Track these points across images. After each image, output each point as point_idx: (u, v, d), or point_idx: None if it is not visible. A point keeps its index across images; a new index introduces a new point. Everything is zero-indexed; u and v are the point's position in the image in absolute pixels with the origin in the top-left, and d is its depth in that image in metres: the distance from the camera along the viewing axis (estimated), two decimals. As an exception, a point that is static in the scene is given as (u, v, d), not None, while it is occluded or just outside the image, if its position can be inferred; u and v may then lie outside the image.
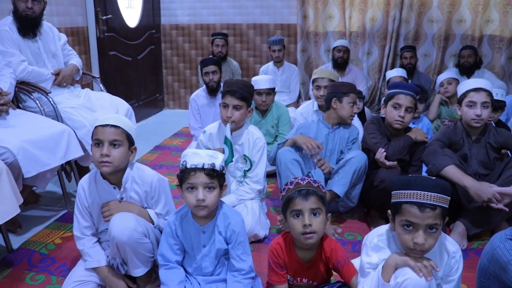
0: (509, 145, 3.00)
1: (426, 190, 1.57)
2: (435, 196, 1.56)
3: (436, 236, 1.60)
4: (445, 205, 1.59)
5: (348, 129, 3.13)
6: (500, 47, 5.62)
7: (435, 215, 1.56)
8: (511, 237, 1.61)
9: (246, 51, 6.23)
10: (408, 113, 2.90)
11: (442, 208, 1.58)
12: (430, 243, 1.59)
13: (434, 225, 1.57)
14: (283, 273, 1.96)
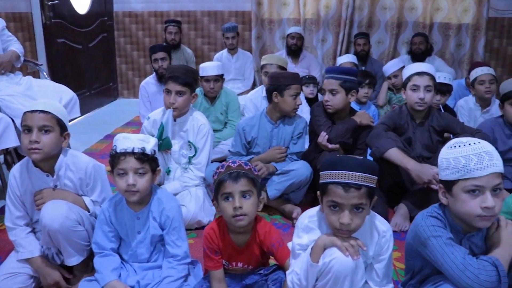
0: (452, 128, 3.05)
1: (351, 170, 1.57)
2: (360, 176, 1.56)
3: (362, 216, 1.60)
4: (371, 185, 1.59)
5: (293, 123, 3.02)
6: (449, 35, 5.74)
7: (360, 195, 1.56)
8: (431, 214, 1.63)
9: (201, 38, 6.16)
10: (332, 96, 2.91)
11: (368, 188, 1.58)
12: (357, 222, 1.59)
13: (360, 204, 1.57)
14: (217, 258, 1.94)
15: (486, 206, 1.47)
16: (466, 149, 1.51)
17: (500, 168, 1.49)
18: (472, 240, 1.62)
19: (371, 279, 1.76)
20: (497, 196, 1.50)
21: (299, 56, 5.45)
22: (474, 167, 1.47)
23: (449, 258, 1.51)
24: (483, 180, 1.47)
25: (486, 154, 1.48)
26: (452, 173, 1.53)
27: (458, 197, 1.52)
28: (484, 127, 3.01)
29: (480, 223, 1.52)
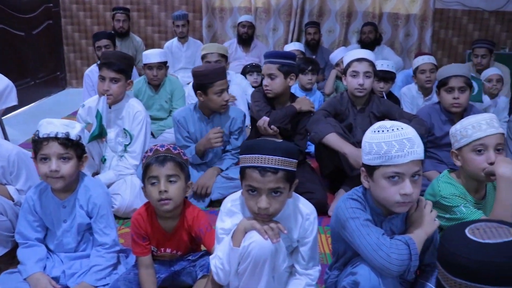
0: (391, 114, 3.09)
1: (267, 153, 1.54)
2: (277, 160, 1.54)
3: (281, 200, 1.58)
4: (289, 168, 1.57)
5: (229, 117, 2.93)
6: (398, 25, 5.84)
7: (277, 178, 1.54)
8: (352, 196, 1.63)
9: (151, 27, 6.04)
10: (271, 80, 2.91)
11: (285, 171, 1.56)
12: (275, 207, 1.57)
13: (277, 188, 1.55)
14: (145, 244, 1.89)
15: (405, 193, 1.47)
16: (388, 135, 1.49)
17: (420, 155, 1.49)
18: (392, 222, 1.63)
19: (297, 262, 1.75)
20: (416, 182, 1.50)
21: (250, 45, 5.43)
22: (395, 154, 1.46)
23: (365, 239, 1.52)
24: (403, 167, 1.46)
25: (407, 141, 1.47)
26: (374, 158, 1.51)
27: (378, 182, 1.52)
28: (421, 113, 3.06)
29: (398, 208, 1.52)
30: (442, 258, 1.03)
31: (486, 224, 1.03)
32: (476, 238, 0.98)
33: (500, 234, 0.99)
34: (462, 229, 1.02)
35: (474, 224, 1.03)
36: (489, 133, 1.77)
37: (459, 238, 1.00)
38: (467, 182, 1.88)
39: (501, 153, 1.78)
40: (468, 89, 2.87)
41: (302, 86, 3.97)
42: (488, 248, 0.96)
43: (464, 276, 0.96)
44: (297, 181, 1.66)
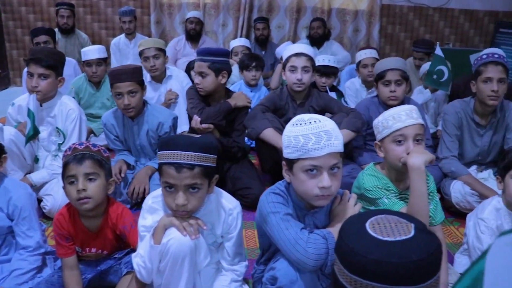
0: (330, 108, 3.12)
1: (183, 149, 1.51)
2: (193, 155, 1.51)
3: (199, 196, 1.56)
4: (206, 164, 1.55)
5: (157, 120, 2.82)
6: (346, 20, 5.91)
7: (193, 174, 1.52)
8: (274, 191, 1.63)
9: (98, 23, 5.90)
10: (202, 78, 2.88)
11: (202, 167, 1.54)
12: (194, 203, 1.55)
13: (195, 184, 1.53)
14: (69, 245, 1.84)
15: (323, 186, 1.46)
16: (306, 128, 1.47)
17: (338, 148, 1.48)
18: (316, 216, 1.63)
19: (223, 258, 1.75)
20: (335, 175, 1.49)
21: (198, 41, 5.37)
22: (312, 147, 1.44)
23: (283, 233, 1.50)
24: (320, 160, 1.45)
25: (324, 133, 1.45)
26: (292, 152, 1.49)
27: (297, 176, 1.51)
28: (360, 107, 3.10)
29: (317, 202, 1.51)
30: (340, 251, 1.01)
31: (386, 217, 1.01)
32: (376, 234, 0.96)
33: (399, 231, 0.97)
34: (362, 223, 1.00)
35: (375, 217, 1.01)
36: (408, 124, 1.80)
37: (359, 233, 0.98)
38: (390, 173, 1.90)
39: (420, 143, 1.81)
40: (405, 82, 2.92)
41: (247, 82, 3.96)
42: (386, 246, 0.94)
43: (360, 273, 0.94)
44: (217, 176, 1.64)
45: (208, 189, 1.61)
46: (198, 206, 1.58)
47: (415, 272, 0.73)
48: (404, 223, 1.00)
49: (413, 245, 0.93)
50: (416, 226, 0.97)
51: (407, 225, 0.99)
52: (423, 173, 1.72)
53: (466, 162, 3.01)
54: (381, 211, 1.06)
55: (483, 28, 6.15)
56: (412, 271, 0.89)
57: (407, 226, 0.98)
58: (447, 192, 2.85)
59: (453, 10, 6.05)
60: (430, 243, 0.93)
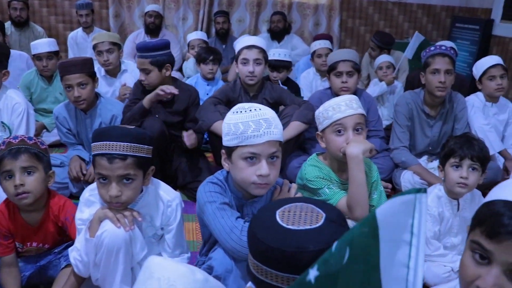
0: (283, 100, 3.13)
1: (115, 140, 1.49)
2: (125, 146, 1.50)
3: (133, 187, 1.55)
4: (139, 154, 1.53)
5: (110, 112, 2.80)
6: (307, 14, 5.94)
7: (126, 165, 1.50)
8: (212, 180, 1.63)
9: (54, 16, 5.75)
10: (146, 75, 2.86)
11: (135, 158, 1.52)
12: (127, 194, 1.54)
13: (128, 175, 1.52)
14: (7, 243, 1.79)
15: (261, 174, 1.46)
16: (246, 115, 1.47)
17: (277, 136, 1.48)
18: (255, 206, 1.63)
19: (164, 250, 1.74)
20: (273, 164, 1.50)
21: (158, 35, 5.29)
22: (251, 134, 1.44)
23: (219, 222, 1.51)
24: (259, 148, 1.45)
25: (264, 121, 1.46)
26: (231, 139, 1.49)
27: (236, 163, 1.50)
28: (313, 98, 3.12)
29: (255, 190, 1.52)
30: (248, 236, 1.01)
31: (301, 205, 0.99)
32: (281, 221, 0.94)
33: (306, 220, 0.95)
34: (275, 209, 0.99)
35: (290, 205, 1.00)
36: (348, 114, 1.82)
37: (267, 219, 0.97)
38: (332, 163, 1.92)
39: (360, 133, 1.84)
40: (356, 73, 2.95)
41: (204, 76, 3.93)
42: (286, 234, 0.92)
43: (261, 259, 0.93)
44: (153, 168, 1.63)
45: (144, 181, 1.60)
46: (133, 197, 1.57)
47: (310, 262, 0.72)
48: (316, 212, 0.97)
49: (314, 236, 0.90)
50: (327, 217, 0.95)
51: (317, 215, 0.96)
52: (361, 162, 1.75)
53: (417, 153, 3.08)
54: (300, 199, 1.05)
55: (440, 22, 6.28)
56: (306, 261, 0.85)
57: (317, 216, 0.96)
58: (398, 182, 2.90)
59: (411, 4, 6.15)
60: (334, 235, 0.89)
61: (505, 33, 5.36)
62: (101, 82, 3.68)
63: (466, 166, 1.91)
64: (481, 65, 3.16)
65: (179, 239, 1.73)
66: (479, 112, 3.11)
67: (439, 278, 1.91)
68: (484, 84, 3.14)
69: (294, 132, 2.82)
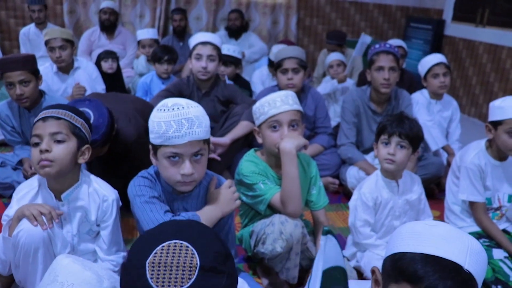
0: (234, 98, 3.15)
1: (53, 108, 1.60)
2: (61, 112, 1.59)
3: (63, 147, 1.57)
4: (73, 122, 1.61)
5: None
6: (265, 13, 5.97)
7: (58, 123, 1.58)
8: (143, 175, 1.62)
9: (5, 11, 5.57)
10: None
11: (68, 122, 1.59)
12: (58, 153, 1.55)
13: (59, 133, 1.57)
14: None
15: (184, 173, 1.46)
16: (168, 114, 1.45)
17: (199, 135, 1.46)
18: (187, 201, 1.64)
19: (99, 247, 1.72)
20: (198, 162, 1.50)
21: (114, 32, 5.23)
22: (172, 134, 1.43)
23: (147, 215, 1.51)
24: (181, 148, 1.45)
25: (186, 121, 1.43)
26: (155, 138, 1.48)
27: (161, 162, 1.51)
28: (261, 96, 3.10)
29: (181, 187, 1.53)
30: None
31: (174, 249, 0.90)
32: (152, 282, 0.87)
33: (177, 279, 0.87)
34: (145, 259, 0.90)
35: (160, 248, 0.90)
36: (283, 110, 1.83)
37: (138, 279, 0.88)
38: (269, 158, 1.94)
39: (296, 129, 1.86)
40: (302, 70, 2.98)
41: (159, 75, 3.90)
42: None
43: None
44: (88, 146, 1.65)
45: (78, 156, 1.61)
46: (63, 160, 1.55)
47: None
48: (189, 261, 0.88)
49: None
50: (201, 265, 0.89)
51: (190, 266, 0.88)
52: (294, 157, 1.77)
53: (365, 149, 3.13)
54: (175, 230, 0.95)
55: (396, 22, 6.42)
56: None
57: (190, 267, 0.88)
58: (344, 178, 2.96)
59: (368, 4, 6.26)
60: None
61: (456, 33, 5.54)
62: (53, 79, 3.63)
63: (394, 143, 1.95)
64: (425, 63, 3.25)
65: (115, 237, 1.71)
66: (424, 109, 3.20)
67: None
68: (428, 81, 3.23)
69: (242, 132, 2.85)
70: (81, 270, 0.97)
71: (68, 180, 1.63)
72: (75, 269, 0.97)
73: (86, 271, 0.98)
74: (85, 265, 1.01)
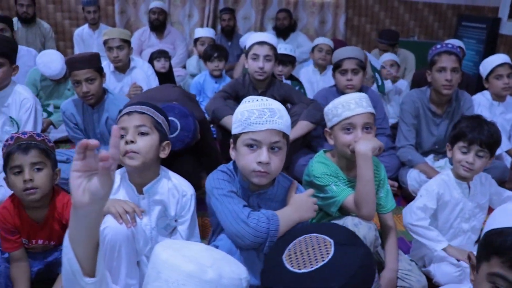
0: (290, 98, 3.13)
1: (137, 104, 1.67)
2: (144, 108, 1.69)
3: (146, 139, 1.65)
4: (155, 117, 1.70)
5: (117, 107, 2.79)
6: (313, 12, 5.93)
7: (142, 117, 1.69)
8: (222, 169, 1.64)
9: (61, 12, 5.76)
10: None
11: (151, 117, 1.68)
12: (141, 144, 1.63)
13: (143, 125, 1.65)
14: (15, 238, 1.80)
15: (260, 160, 1.48)
16: (252, 104, 1.52)
17: (280, 126, 1.50)
18: (261, 198, 1.64)
19: (176, 241, 1.74)
20: (276, 154, 1.51)
21: (163, 32, 5.31)
22: (253, 121, 1.48)
23: (226, 206, 1.52)
24: (260, 135, 1.48)
25: (268, 110, 1.49)
26: (237, 127, 1.54)
27: (240, 150, 1.54)
28: (319, 96, 3.13)
29: (255, 179, 1.53)
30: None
31: (305, 240, 0.95)
32: (292, 267, 0.91)
33: (316, 256, 0.91)
34: (280, 255, 0.95)
35: (293, 244, 0.96)
36: (357, 112, 1.81)
37: (276, 269, 0.93)
38: (339, 160, 1.92)
39: (369, 132, 1.83)
40: (361, 71, 2.95)
41: (211, 73, 3.94)
42: (303, 280, 0.88)
43: None
44: (168, 142, 1.73)
45: (160, 150, 1.68)
46: (147, 152, 1.63)
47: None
48: (323, 242, 0.93)
49: (332, 270, 0.87)
50: (336, 241, 0.92)
51: (325, 244, 0.92)
52: (369, 160, 1.74)
53: (424, 151, 3.07)
54: (302, 230, 1.00)
55: (447, 21, 6.27)
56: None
57: (325, 245, 0.92)
58: (404, 181, 2.90)
59: (417, 3, 6.14)
60: (352, 260, 0.86)
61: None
62: (110, 78, 3.70)
63: (473, 152, 1.91)
64: (488, 64, 3.15)
65: (192, 231, 1.75)
66: (485, 111, 3.11)
67: (450, 277, 1.91)
68: (491, 83, 3.13)
69: (301, 132, 2.83)
70: (182, 263, 0.98)
71: (149, 174, 1.69)
72: (176, 263, 0.98)
73: (187, 263, 0.98)
74: (185, 255, 1.01)
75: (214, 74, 3.91)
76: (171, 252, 1.03)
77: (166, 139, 1.72)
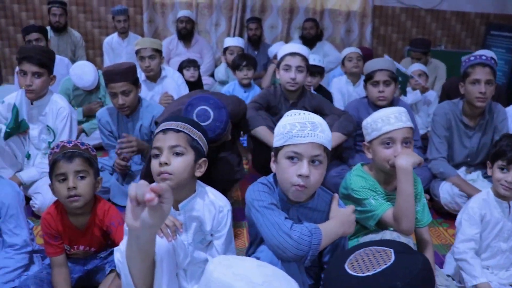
0: (322, 109, 3.13)
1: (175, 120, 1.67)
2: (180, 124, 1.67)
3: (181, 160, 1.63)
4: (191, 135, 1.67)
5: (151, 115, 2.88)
6: (339, 21, 5.93)
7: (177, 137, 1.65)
8: (262, 181, 1.65)
9: (91, 21, 5.86)
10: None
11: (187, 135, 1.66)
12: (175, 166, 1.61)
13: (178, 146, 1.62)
14: (58, 244, 1.84)
15: (300, 173, 1.48)
16: (294, 118, 1.54)
17: (321, 140, 1.51)
18: (300, 211, 1.64)
19: (212, 255, 1.74)
20: (316, 168, 1.52)
21: (191, 41, 5.37)
22: (295, 134, 1.50)
23: (267, 218, 1.52)
24: (302, 148, 1.50)
25: (310, 124, 1.51)
26: (278, 140, 1.56)
27: (281, 163, 1.55)
28: (350, 107, 3.12)
29: (294, 194, 1.54)
30: None
31: (364, 251, 0.98)
32: (355, 272, 0.93)
33: (378, 261, 0.94)
34: (341, 264, 0.98)
35: (353, 255, 0.99)
36: (397, 127, 1.81)
37: (340, 276, 0.96)
38: (377, 174, 1.92)
39: (409, 146, 1.83)
40: (393, 83, 2.94)
41: (240, 82, 3.97)
42: (368, 282, 0.91)
43: None
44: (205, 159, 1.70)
45: (196, 169, 1.66)
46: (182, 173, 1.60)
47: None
48: (383, 250, 0.97)
49: (395, 272, 0.89)
50: (396, 250, 0.94)
51: (386, 252, 0.96)
52: (410, 175, 1.74)
53: (455, 164, 3.03)
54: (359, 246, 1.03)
55: (475, 30, 6.20)
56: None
57: (386, 253, 0.95)
58: (436, 193, 2.87)
59: (445, 12, 6.09)
60: (413, 264, 0.89)
61: (543, 42, 5.26)
62: (141, 87, 3.74)
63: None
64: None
65: (228, 246, 1.75)
66: (520, 124, 3.06)
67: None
68: (525, 94, 3.09)
69: (333, 143, 2.82)
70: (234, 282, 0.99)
71: (185, 191, 1.68)
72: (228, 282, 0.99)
73: (238, 282, 0.99)
74: (235, 273, 1.03)
75: (243, 83, 3.94)
76: (223, 270, 1.05)
77: (202, 156, 1.70)
